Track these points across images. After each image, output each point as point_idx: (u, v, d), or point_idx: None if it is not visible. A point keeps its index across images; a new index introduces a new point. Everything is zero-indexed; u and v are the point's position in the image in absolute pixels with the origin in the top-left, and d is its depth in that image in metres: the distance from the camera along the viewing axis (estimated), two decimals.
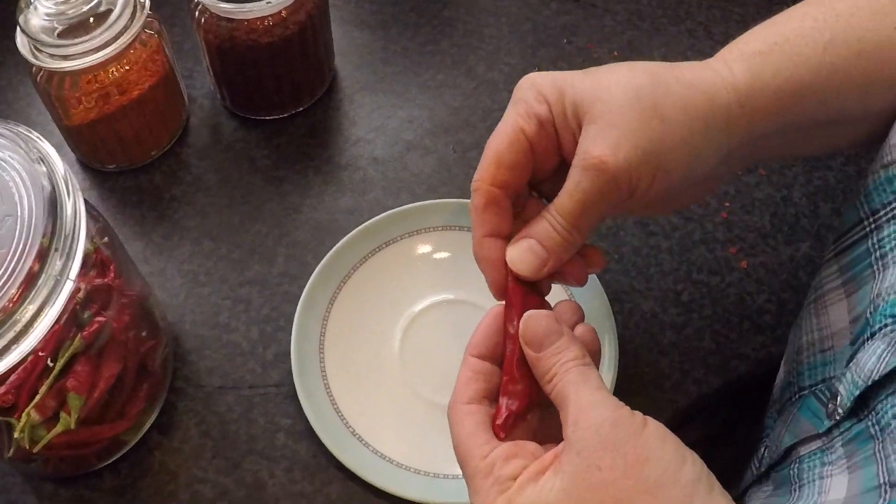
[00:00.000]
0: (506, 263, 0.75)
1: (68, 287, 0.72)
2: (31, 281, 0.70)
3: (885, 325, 0.71)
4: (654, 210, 0.84)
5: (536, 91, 0.75)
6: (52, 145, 0.78)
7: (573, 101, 0.73)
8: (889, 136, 0.76)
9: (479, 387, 0.70)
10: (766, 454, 0.88)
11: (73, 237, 0.73)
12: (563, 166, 0.75)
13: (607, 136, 0.70)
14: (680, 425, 0.95)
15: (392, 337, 0.98)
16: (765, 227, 1.06)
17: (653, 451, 0.62)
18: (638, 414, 0.64)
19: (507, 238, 0.76)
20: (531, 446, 0.67)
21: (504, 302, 0.73)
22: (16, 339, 0.70)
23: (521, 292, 0.74)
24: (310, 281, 0.98)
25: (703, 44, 1.20)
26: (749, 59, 0.76)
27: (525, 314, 0.70)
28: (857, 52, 0.76)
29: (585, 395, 0.65)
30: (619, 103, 0.71)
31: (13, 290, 0.69)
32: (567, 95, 0.73)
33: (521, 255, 0.74)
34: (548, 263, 0.74)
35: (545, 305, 0.76)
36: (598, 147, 0.70)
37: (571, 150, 0.73)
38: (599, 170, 0.70)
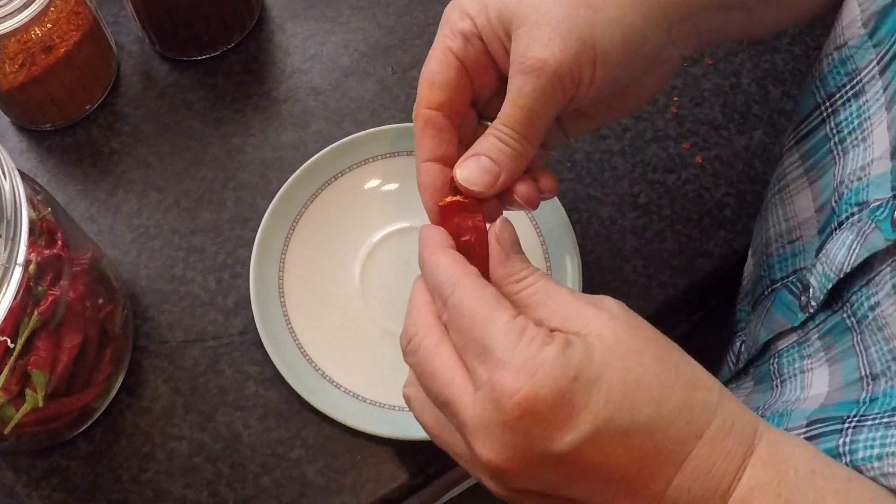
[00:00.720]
0: (445, 189, 0.72)
1: (17, 273, 0.70)
2: None
3: (852, 214, 0.71)
4: (608, 112, 0.81)
5: (459, 9, 0.72)
6: None
7: (497, 10, 0.70)
8: (840, 17, 0.75)
9: (474, 269, 0.66)
10: (742, 349, 0.89)
11: (15, 221, 0.70)
12: (503, 86, 0.72)
13: (539, 36, 0.68)
14: None
15: (351, 272, 0.97)
16: (716, 119, 1.05)
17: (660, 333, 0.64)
18: None
19: (450, 164, 0.72)
20: None
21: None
22: None
23: (456, 215, 0.70)
24: (261, 225, 0.96)
25: None
26: None
27: (500, 218, 0.68)
28: None
29: (578, 293, 0.65)
30: (542, 0, 0.69)
31: None
32: (489, 5, 0.71)
33: (471, 172, 0.70)
34: (500, 178, 0.71)
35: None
36: (532, 48, 0.68)
37: (505, 61, 0.71)
38: (538, 70, 0.68)
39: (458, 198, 0.68)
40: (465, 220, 0.69)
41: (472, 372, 0.62)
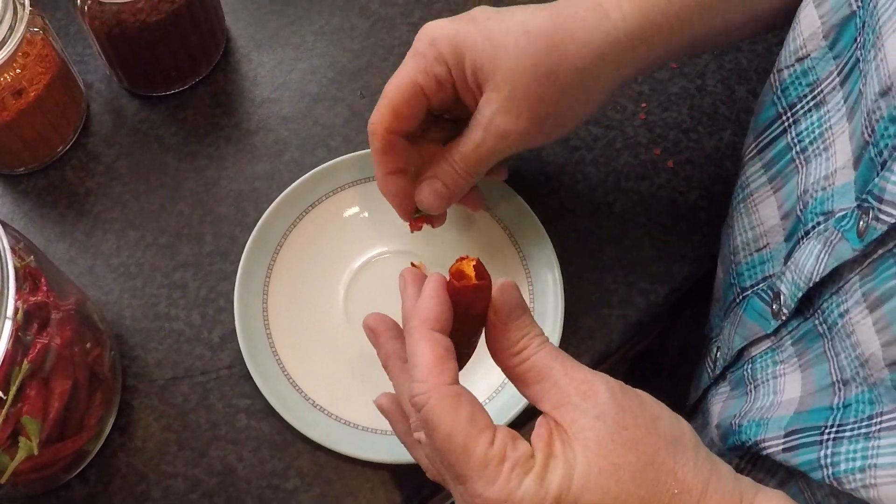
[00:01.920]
0: (409, 193, 0.87)
1: (8, 325, 0.70)
2: None
3: (818, 224, 0.73)
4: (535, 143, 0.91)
5: (436, 51, 0.80)
6: None
7: (472, 66, 0.79)
8: (800, 29, 0.77)
9: (454, 366, 0.65)
10: (718, 356, 0.90)
11: (1, 274, 0.71)
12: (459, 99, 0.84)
13: (510, 109, 0.79)
14: (633, 336, 0.96)
15: (335, 300, 0.97)
16: (685, 122, 1.06)
17: (657, 409, 0.65)
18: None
19: (407, 173, 0.87)
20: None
21: (451, 269, 0.70)
22: None
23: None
24: (243, 257, 0.96)
25: None
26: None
27: (500, 283, 0.68)
28: None
29: (574, 367, 0.65)
30: (518, 74, 0.78)
31: None
32: (466, 59, 0.79)
33: (429, 196, 0.86)
34: (449, 200, 0.87)
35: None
36: (500, 118, 0.79)
37: (473, 102, 0.81)
38: (502, 136, 0.80)
39: (470, 282, 0.67)
40: (469, 293, 0.68)
41: (453, 487, 0.65)
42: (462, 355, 0.69)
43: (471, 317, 0.68)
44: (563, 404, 0.63)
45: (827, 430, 0.67)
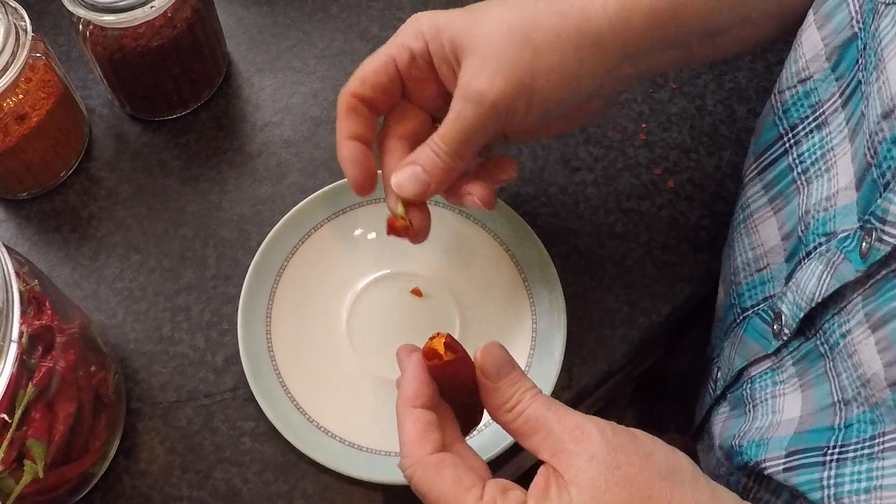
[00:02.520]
0: (366, 165, 0.84)
1: (13, 349, 0.71)
2: None
3: (820, 244, 0.73)
4: (538, 134, 0.91)
5: (416, 28, 0.81)
6: None
7: (450, 38, 0.79)
8: (803, 51, 0.78)
9: (436, 436, 0.68)
10: (719, 376, 0.90)
11: (7, 297, 0.71)
12: (449, 100, 0.81)
13: (484, 69, 0.77)
14: (636, 356, 0.96)
15: (338, 322, 0.98)
16: (685, 142, 1.06)
17: (650, 444, 0.65)
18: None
19: (368, 143, 0.85)
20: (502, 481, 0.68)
21: (424, 349, 0.72)
22: None
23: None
24: (246, 280, 0.97)
25: None
26: None
27: (482, 347, 0.70)
28: None
29: (567, 414, 0.66)
30: (493, 37, 0.77)
31: None
32: (444, 32, 0.79)
33: (406, 179, 0.81)
34: (430, 186, 0.81)
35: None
36: (476, 80, 0.77)
37: (452, 82, 0.80)
38: (478, 101, 0.77)
39: (441, 360, 0.70)
40: (445, 369, 0.71)
41: None
42: (468, 416, 0.74)
43: (459, 384, 0.71)
44: (558, 451, 0.65)
45: (829, 451, 0.68)
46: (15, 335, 0.71)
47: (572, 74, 0.78)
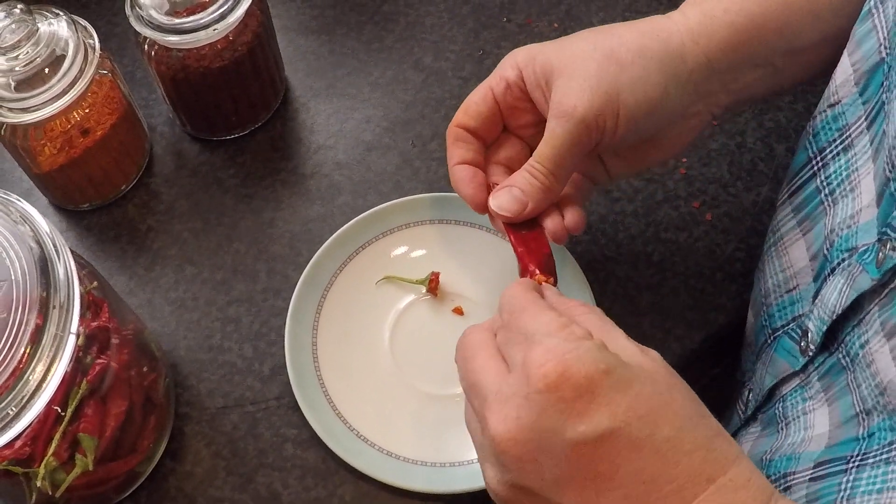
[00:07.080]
0: (478, 184, 0.88)
1: (72, 341, 0.74)
2: (35, 341, 0.72)
3: (843, 260, 0.75)
4: (634, 163, 0.92)
5: (513, 60, 0.86)
6: (23, 190, 0.79)
7: (542, 63, 0.83)
8: (834, 77, 0.80)
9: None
10: (750, 398, 0.91)
11: (68, 292, 0.75)
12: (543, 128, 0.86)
13: (572, 86, 0.81)
14: None
15: (381, 337, 1.00)
16: (724, 177, 1.09)
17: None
18: None
19: (478, 166, 0.89)
20: None
21: None
22: (31, 398, 0.72)
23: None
24: (294, 294, 1.00)
25: (640, 3, 1.22)
26: (702, 2, 0.84)
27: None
28: None
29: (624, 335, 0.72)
30: (579, 57, 0.82)
31: (21, 352, 0.71)
32: (536, 59, 0.84)
33: (503, 200, 0.85)
34: (527, 206, 0.84)
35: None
36: (566, 97, 0.81)
37: (545, 106, 0.84)
38: (569, 115, 0.80)
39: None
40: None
41: (510, 360, 0.67)
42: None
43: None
44: (621, 348, 0.68)
45: (853, 459, 0.69)
46: (74, 327, 0.74)
47: (657, 87, 0.81)
